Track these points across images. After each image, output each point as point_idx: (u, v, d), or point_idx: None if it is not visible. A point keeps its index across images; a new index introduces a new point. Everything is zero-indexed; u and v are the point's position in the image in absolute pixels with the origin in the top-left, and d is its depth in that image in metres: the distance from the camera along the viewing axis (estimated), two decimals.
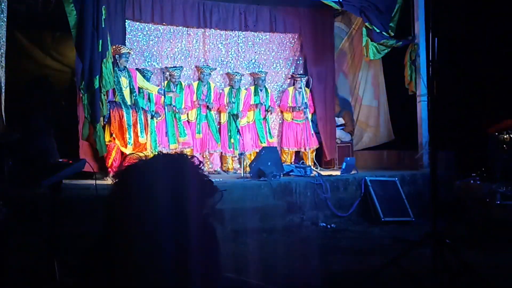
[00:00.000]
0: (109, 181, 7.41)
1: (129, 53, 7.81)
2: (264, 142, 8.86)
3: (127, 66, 7.79)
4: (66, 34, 8.19)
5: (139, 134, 7.63)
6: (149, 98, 8.20)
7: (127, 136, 7.54)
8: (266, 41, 9.50)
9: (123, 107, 7.57)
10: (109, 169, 7.62)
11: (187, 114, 8.62)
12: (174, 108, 8.34)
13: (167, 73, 8.43)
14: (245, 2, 9.14)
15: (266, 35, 9.49)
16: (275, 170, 7.10)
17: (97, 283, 1.32)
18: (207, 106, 8.60)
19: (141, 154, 1.39)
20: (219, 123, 8.86)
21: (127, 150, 7.53)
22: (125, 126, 7.54)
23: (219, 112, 8.89)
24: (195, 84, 8.70)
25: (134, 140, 7.61)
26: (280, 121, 9.55)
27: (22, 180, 6.03)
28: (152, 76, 8.43)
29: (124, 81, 7.69)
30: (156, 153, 1.39)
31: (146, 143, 7.79)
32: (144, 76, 8.11)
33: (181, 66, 8.67)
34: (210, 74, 8.76)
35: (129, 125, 7.57)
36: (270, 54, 9.53)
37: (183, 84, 8.61)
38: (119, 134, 7.54)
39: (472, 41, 7.86)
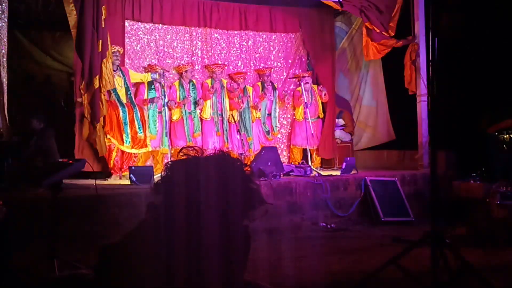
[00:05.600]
0: (111, 181, 7.42)
1: (119, 51, 7.75)
2: (269, 136, 8.97)
3: (119, 66, 7.76)
4: (66, 34, 8.20)
5: (137, 130, 7.68)
6: (163, 94, 8.05)
7: (124, 134, 7.58)
8: (266, 40, 9.50)
9: (119, 106, 7.60)
10: (112, 171, 7.62)
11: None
12: (189, 100, 8.32)
13: (180, 71, 8.48)
14: (245, 2, 9.14)
15: (266, 34, 9.49)
16: (275, 170, 7.10)
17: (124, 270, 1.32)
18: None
19: (197, 149, 1.37)
20: (229, 121, 8.82)
21: (125, 148, 7.60)
22: (121, 124, 7.58)
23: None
24: (209, 81, 8.68)
25: (132, 137, 7.64)
26: (283, 119, 9.54)
27: (22, 180, 6.03)
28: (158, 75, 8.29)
29: (119, 81, 7.68)
30: (216, 151, 1.33)
31: (145, 138, 7.79)
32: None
33: (191, 64, 8.64)
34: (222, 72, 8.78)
35: (126, 123, 7.61)
36: (270, 54, 9.54)
37: (194, 81, 8.60)
38: (116, 133, 7.56)
39: (472, 41, 7.86)
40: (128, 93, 7.76)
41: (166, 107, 8.01)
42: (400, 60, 8.73)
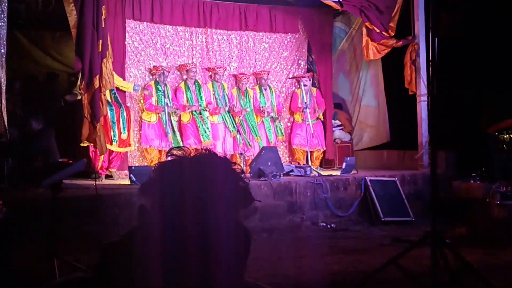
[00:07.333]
0: (110, 181, 7.41)
1: None
2: (272, 142, 8.88)
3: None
4: (66, 34, 8.20)
5: (121, 130, 7.71)
6: (169, 97, 8.08)
7: (112, 133, 7.61)
8: (266, 40, 9.50)
9: (107, 105, 7.59)
10: (100, 171, 7.59)
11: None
12: (198, 107, 8.30)
13: (184, 70, 8.46)
14: (245, 2, 9.15)
15: (266, 35, 9.49)
16: (275, 170, 7.11)
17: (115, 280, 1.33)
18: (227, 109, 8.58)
19: (185, 149, 1.38)
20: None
21: (113, 147, 7.62)
22: (109, 123, 7.62)
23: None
24: (209, 84, 8.67)
25: (118, 137, 7.66)
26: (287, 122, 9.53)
27: (22, 180, 6.04)
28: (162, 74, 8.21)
29: None
30: (204, 150, 1.34)
31: (128, 138, 7.80)
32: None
33: (194, 64, 8.61)
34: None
35: (113, 122, 7.66)
36: (270, 54, 9.54)
37: (200, 82, 8.60)
38: (103, 132, 7.53)
39: (472, 41, 7.86)
40: (113, 92, 7.76)
41: (172, 112, 8.09)
42: (400, 60, 8.72)
